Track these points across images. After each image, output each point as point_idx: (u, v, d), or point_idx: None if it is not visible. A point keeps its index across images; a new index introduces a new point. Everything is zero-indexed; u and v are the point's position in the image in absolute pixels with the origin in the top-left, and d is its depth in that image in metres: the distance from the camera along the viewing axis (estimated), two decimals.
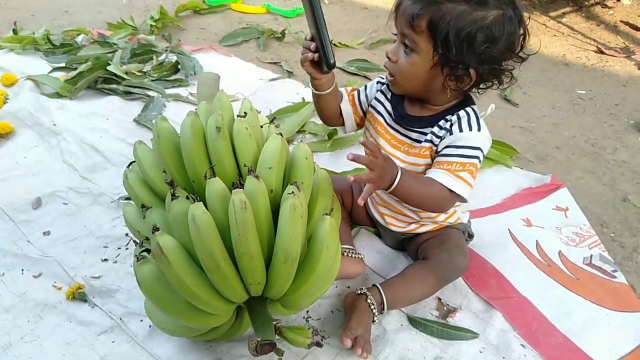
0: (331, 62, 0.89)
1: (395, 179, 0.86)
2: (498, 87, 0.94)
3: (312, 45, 0.90)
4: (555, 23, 2.86)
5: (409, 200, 0.93)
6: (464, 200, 0.94)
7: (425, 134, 0.96)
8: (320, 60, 0.92)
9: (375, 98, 1.06)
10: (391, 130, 1.02)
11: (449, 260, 1.02)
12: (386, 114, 1.03)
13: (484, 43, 0.84)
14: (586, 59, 2.43)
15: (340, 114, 1.09)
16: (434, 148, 0.95)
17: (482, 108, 1.00)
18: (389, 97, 1.04)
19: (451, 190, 0.91)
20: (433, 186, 0.91)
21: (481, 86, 0.93)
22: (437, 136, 0.95)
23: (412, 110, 1.00)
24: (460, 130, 0.92)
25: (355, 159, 0.81)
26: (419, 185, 0.91)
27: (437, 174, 0.91)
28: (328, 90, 1.01)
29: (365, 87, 1.09)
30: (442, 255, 1.02)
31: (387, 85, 1.04)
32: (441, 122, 0.95)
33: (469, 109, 0.94)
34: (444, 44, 0.85)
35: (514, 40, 0.88)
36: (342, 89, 1.10)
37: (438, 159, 0.94)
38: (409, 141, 1.00)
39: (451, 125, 0.93)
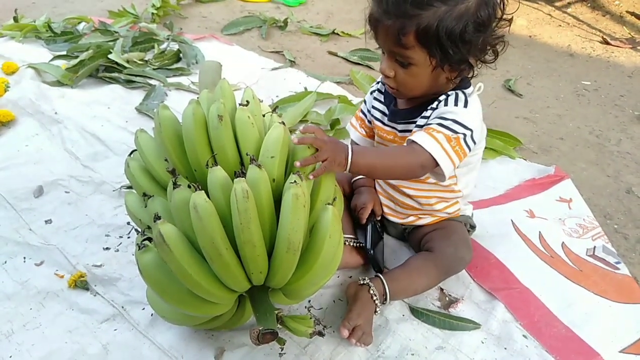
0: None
1: (348, 157, 0.84)
2: (495, 58, 0.92)
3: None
4: (560, 13, 2.84)
5: (377, 173, 0.94)
6: (432, 161, 0.88)
7: (416, 122, 0.97)
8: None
9: (373, 107, 1.08)
10: (387, 129, 1.05)
11: (453, 254, 1.01)
12: (382, 115, 1.06)
13: (476, 32, 0.85)
14: (591, 50, 2.40)
15: None
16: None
17: (485, 97, 0.99)
18: (382, 99, 1.06)
19: (419, 145, 0.87)
20: (399, 149, 0.91)
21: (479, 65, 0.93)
22: (426, 117, 0.95)
23: (404, 104, 1.01)
24: (445, 105, 0.92)
25: (300, 141, 0.82)
26: (381, 155, 0.90)
27: (412, 135, 0.91)
28: None
29: (365, 102, 1.12)
30: (447, 248, 1.02)
31: (379, 90, 1.08)
32: (433, 105, 0.94)
33: (458, 90, 0.94)
34: (438, 49, 0.84)
35: (497, 11, 0.87)
36: (351, 123, 1.18)
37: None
38: (404, 134, 1.01)
39: (438, 103, 0.93)
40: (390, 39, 0.87)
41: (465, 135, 0.89)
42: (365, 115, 1.13)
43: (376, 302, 0.95)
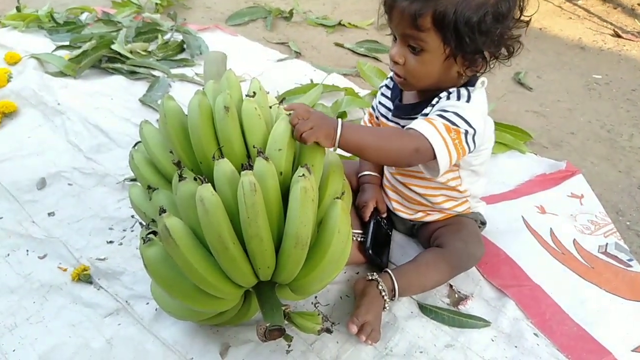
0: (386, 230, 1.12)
1: (337, 131, 0.80)
2: (509, 58, 0.90)
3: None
4: (571, 6, 2.79)
5: (367, 154, 0.86)
6: (428, 147, 0.83)
7: (416, 118, 0.94)
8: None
9: (379, 102, 1.06)
10: (391, 124, 1.02)
11: (464, 249, 0.99)
12: (386, 111, 1.04)
13: (494, 23, 0.82)
14: (602, 43, 2.36)
15: None
16: None
17: (494, 91, 0.97)
18: (388, 95, 1.04)
19: (416, 130, 0.84)
20: (394, 130, 0.89)
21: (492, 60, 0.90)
22: (425, 115, 0.92)
23: (409, 99, 0.99)
24: (447, 99, 0.89)
25: (288, 107, 0.81)
26: (373, 134, 0.86)
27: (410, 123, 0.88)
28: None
29: (376, 96, 1.11)
30: (457, 243, 1.00)
31: (386, 85, 1.05)
32: (433, 101, 0.92)
33: (461, 88, 0.91)
34: (454, 36, 0.82)
35: (517, 6, 0.85)
36: (364, 119, 1.18)
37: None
38: None
39: (439, 100, 0.90)
40: (405, 20, 0.83)
41: (467, 132, 0.85)
42: (374, 111, 1.11)
43: (385, 298, 0.93)
